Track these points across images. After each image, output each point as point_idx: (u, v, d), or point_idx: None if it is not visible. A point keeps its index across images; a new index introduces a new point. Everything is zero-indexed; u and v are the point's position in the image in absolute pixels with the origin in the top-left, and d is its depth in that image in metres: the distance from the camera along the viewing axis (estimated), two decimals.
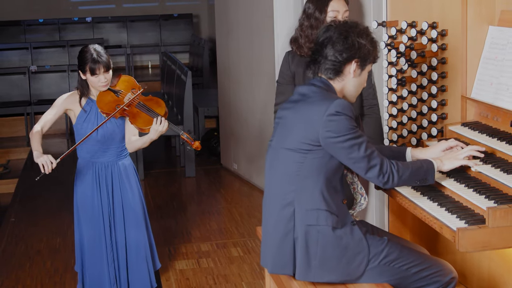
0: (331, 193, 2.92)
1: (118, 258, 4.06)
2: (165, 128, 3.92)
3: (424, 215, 2.90)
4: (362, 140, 2.86)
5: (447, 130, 3.44)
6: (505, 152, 3.01)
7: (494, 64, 3.31)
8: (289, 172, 2.93)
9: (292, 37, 3.96)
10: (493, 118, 3.28)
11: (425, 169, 2.95)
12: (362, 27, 3.00)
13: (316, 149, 2.88)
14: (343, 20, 3.07)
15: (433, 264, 2.97)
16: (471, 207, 2.86)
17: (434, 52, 3.57)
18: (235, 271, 4.69)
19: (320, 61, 2.97)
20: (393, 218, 3.96)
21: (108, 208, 4.03)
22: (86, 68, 3.89)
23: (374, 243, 2.94)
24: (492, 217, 2.65)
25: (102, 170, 4.03)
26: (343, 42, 2.93)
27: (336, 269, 2.91)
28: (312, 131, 2.87)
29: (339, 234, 2.90)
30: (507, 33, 3.27)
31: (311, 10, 3.84)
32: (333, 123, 2.83)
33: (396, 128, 3.90)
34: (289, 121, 2.98)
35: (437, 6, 3.59)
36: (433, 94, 3.60)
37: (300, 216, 2.91)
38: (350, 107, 2.87)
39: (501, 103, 3.22)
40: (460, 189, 2.97)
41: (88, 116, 3.97)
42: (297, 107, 2.96)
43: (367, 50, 2.96)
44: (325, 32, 2.98)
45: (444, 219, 2.80)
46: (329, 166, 2.90)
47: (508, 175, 2.88)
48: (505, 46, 3.26)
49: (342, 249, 2.90)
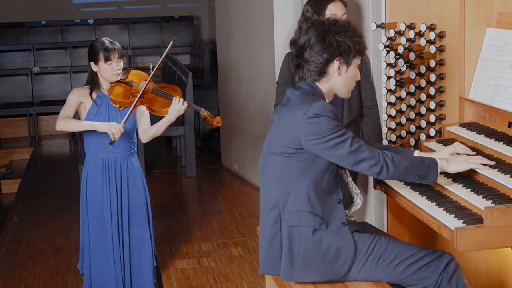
0: (319, 194, 2.90)
1: (123, 256, 4.06)
2: (185, 107, 3.91)
3: (422, 214, 2.90)
4: (346, 137, 2.83)
5: (445, 131, 3.44)
6: (503, 152, 3.01)
7: (492, 65, 3.31)
8: (276, 175, 2.94)
9: (292, 39, 3.96)
10: (491, 119, 3.28)
11: (426, 165, 2.90)
12: (341, 24, 2.96)
13: (299, 153, 2.87)
14: (322, 19, 3.04)
15: (425, 254, 2.89)
16: (469, 207, 2.86)
17: (432, 54, 3.58)
18: (236, 271, 4.69)
19: (303, 64, 2.97)
20: (391, 218, 3.96)
21: (117, 205, 4.02)
22: (100, 55, 3.89)
23: (361, 240, 2.91)
24: (489, 217, 2.66)
25: (111, 165, 4.01)
26: (321, 43, 2.91)
27: (319, 270, 2.90)
28: (293, 135, 2.87)
29: (320, 236, 2.88)
30: (504, 35, 3.27)
31: (310, 13, 3.85)
32: (313, 125, 2.82)
33: (394, 128, 3.90)
34: (275, 125, 2.99)
35: (435, 8, 3.59)
36: (431, 95, 3.60)
37: (285, 218, 2.93)
38: (329, 107, 2.84)
39: (498, 104, 3.22)
40: (458, 189, 2.97)
41: (99, 110, 3.95)
42: (282, 111, 2.97)
43: (347, 46, 2.92)
44: (305, 35, 2.96)
45: (442, 219, 2.80)
46: (314, 168, 2.89)
47: (505, 175, 2.88)
48: (502, 48, 3.27)
49: (323, 250, 2.89)
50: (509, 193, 2.80)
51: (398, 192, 3.11)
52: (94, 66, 3.95)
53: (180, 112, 3.91)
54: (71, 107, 3.97)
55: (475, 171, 2.99)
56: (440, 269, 2.87)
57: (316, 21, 3.02)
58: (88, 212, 4.04)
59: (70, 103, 3.97)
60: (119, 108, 3.97)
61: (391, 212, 3.96)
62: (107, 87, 3.96)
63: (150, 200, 4.30)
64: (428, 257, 2.89)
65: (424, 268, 2.88)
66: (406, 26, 3.75)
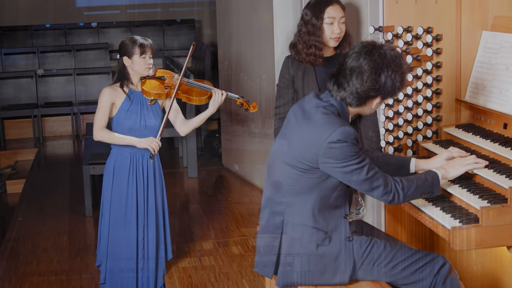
0: (325, 210, 2.85)
1: (147, 251, 4.09)
2: (224, 96, 4.08)
3: (419, 214, 2.91)
4: (363, 164, 2.75)
5: (442, 132, 3.44)
6: (498, 153, 3.01)
7: (488, 68, 3.31)
8: (284, 185, 2.88)
9: (291, 43, 3.95)
10: (487, 121, 3.29)
11: (430, 182, 2.86)
12: (398, 61, 2.77)
13: (313, 170, 2.80)
14: (378, 44, 2.81)
15: (419, 257, 2.89)
16: (465, 206, 2.86)
17: (429, 56, 3.58)
18: (236, 269, 4.69)
19: (345, 87, 2.79)
20: (389, 218, 3.96)
21: (144, 199, 4.06)
22: (135, 48, 3.95)
23: (358, 244, 2.89)
24: (485, 216, 2.66)
25: (139, 159, 4.05)
26: (375, 80, 2.74)
27: (318, 280, 2.89)
28: (312, 155, 2.78)
29: (322, 251, 2.86)
30: (500, 38, 3.27)
31: (308, 17, 3.83)
32: (334, 150, 2.72)
33: (392, 130, 3.90)
34: (292, 135, 2.88)
35: (432, 11, 3.59)
36: (428, 97, 3.60)
37: (288, 228, 2.89)
38: (353, 134, 2.73)
39: (494, 106, 3.23)
40: (455, 189, 2.97)
41: (132, 105, 3.99)
42: (302, 123, 2.85)
43: (395, 87, 2.78)
44: (358, 59, 2.76)
45: (439, 218, 2.80)
46: (324, 185, 2.83)
47: (501, 175, 2.88)
48: (498, 51, 3.27)
49: (324, 264, 2.87)
50: (504, 193, 2.80)
51: None
52: (127, 60, 3.99)
53: (220, 103, 4.06)
54: (105, 113, 3.98)
55: (472, 172, 2.99)
56: (434, 271, 2.87)
57: (377, 47, 2.79)
58: (112, 204, 4.04)
59: (103, 109, 3.97)
60: (152, 101, 4.01)
61: (389, 212, 3.96)
62: (137, 83, 4.01)
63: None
64: (422, 260, 2.88)
65: (419, 271, 2.87)
66: (403, 29, 3.75)
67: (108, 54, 10.32)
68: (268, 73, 5.98)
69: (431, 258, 2.89)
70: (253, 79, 6.41)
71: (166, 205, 4.22)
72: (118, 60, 4.04)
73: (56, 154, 8.86)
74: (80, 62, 10.50)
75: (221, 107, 7.48)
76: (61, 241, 5.40)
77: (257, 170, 6.49)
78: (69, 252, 5.16)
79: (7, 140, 9.20)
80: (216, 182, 6.94)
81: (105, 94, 3.98)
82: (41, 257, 5.08)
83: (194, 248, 5.10)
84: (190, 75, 6.97)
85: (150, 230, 4.09)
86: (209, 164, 7.55)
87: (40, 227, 5.73)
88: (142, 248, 4.07)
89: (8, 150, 8.70)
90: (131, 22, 12.21)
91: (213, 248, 5.09)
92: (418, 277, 2.87)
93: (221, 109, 7.45)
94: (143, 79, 4.03)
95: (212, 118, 8.44)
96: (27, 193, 6.79)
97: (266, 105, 6.04)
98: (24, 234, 5.59)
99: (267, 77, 6.05)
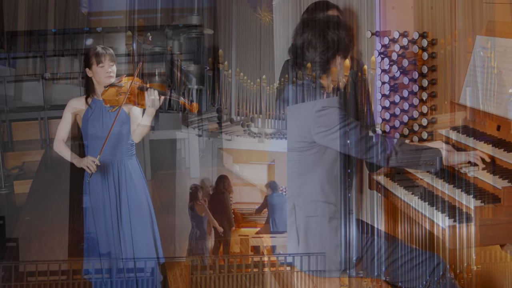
0: (332, 183, 2.88)
1: (127, 255, 4.05)
2: (158, 96, 3.84)
3: (415, 213, 2.90)
4: (355, 125, 2.80)
5: (437, 134, 3.44)
6: (492, 154, 3.01)
7: (481, 71, 3.31)
8: (291, 170, 2.93)
9: (290, 47, 3.94)
10: (481, 123, 3.28)
11: (432, 152, 2.88)
12: (333, 20, 2.93)
13: (311, 146, 2.85)
14: (314, 17, 2.99)
15: (415, 256, 2.90)
16: (460, 206, 2.86)
17: (425, 60, 3.57)
18: (237, 268, 4.68)
19: (305, 64, 2.92)
20: (386, 218, 3.96)
21: (116, 207, 4.01)
22: (92, 59, 3.92)
23: (360, 240, 2.91)
24: (479, 215, 2.65)
25: (109, 168, 4.00)
26: (323, 41, 2.87)
27: (333, 257, 2.88)
28: (305, 130, 2.84)
29: (336, 224, 2.87)
30: (493, 43, 3.27)
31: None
32: (323, 117, 2.80)
33: (389, 132, 3.89)
34: (287, 123, 2.98)
35: (427, 16, 3.59)
36: (424, 100, 3.60)
37: (300, 208, 2.90)
38: (335, 99, 2.83)
39: (488, 108, 3.22)
40: (450, 189, 2.97)
41: (93, 114, 3.96)
42: (291, 109, 2.95)
43: (344, 39, 2.90)
44: (302, 35, 2.91)
45: (434, 218, 2.80)
46: (325, 159, 2.86)
47: (494, 176, 2.88)
48: (491, 55, 3.27)
49: (339, 239, 2.87)
50: (498, 193, 2.80)
51: (392, 192, 3.11)
52: (88, 72, 3.97)
53: (156, 103, 3.86)
54: (66, 124, 4.01)
55: (465, 173, 2.99)
56: (430, 270, 2.87)
57: (308, 20, 2.95)
58: (94, 216, 4.03)
59: (64, 120, 4.01)
60: (112, 109, 3.97)
61: (386, 212, 3.95)
62: (101, 93, 3.97)
63: (156, 200, 4.29)
64: (418, 258, 2.89)
65: (414, 269, 2.88)
66: (399, 34, 3.75)
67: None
68: (268, 76, 5.97)
69: (427, 256, 2.89)
70: (253, 81, 6.40)
71: (152, 211, 4.15)
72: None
73: (52, 156, 8.85)
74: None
75: (221, 108, 7.47)
76: (66, 240, 5.38)
77: (257, 170, 6.48)
78: (74, 251, 5.14)
79: (14, 142, 9.19)
80: (217, 182, 6.92)
81: (68, 106, 4.01)
82: (47, 256, 5.07)
83: (196, 247, 5.09)
84: (192, 79, 6.96)
85: (127, 239, 4.05)
86: (210, 165, 7.53)
87: (46, 226, 5.72)
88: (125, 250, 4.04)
89: (15, 151, 8.69)
90: (134, 27, 12.22)
91: (214, 247, 5.08)
92: (415, 275, 2.87)
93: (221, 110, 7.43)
94: (106, 87, 3.98)
95: (212, 118, 8.38)
96: (34, 193, 6.78)
97: (266, 105, 6.04)
98: (30, 233, 5.57)
99: (266, 79, 6.04)
